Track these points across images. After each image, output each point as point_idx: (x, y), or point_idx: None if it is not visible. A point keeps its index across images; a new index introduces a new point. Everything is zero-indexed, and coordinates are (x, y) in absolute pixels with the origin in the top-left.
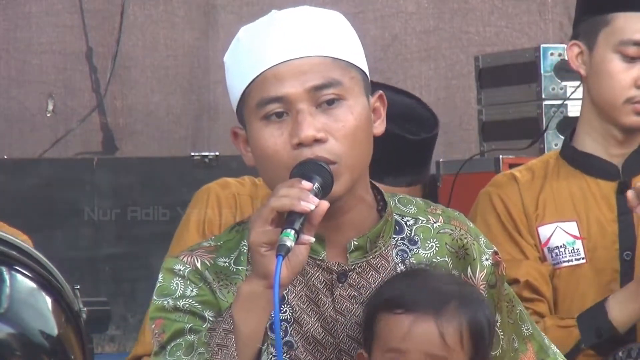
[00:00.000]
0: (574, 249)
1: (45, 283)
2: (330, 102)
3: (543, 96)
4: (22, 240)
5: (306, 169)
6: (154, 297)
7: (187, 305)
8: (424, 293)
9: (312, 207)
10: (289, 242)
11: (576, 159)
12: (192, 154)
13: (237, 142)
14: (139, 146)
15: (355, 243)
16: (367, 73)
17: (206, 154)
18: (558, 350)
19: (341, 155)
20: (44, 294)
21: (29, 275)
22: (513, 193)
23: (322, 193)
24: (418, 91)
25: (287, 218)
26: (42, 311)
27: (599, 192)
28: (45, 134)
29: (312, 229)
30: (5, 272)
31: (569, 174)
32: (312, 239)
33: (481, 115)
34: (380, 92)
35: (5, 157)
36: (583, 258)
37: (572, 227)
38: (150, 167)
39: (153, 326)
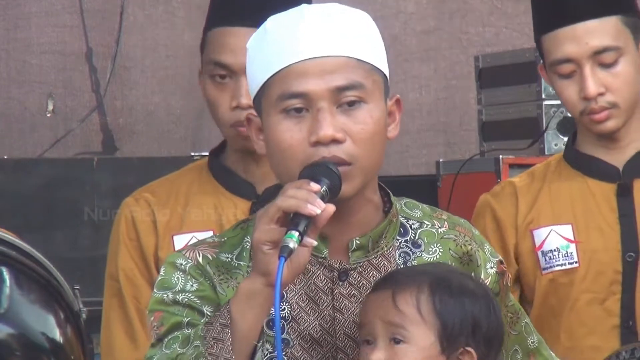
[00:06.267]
0: (567, 252)
1: (45, 283)
2: (351, 104)
3: (543, 96)
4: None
5: (315, 171)
6: (154, 290)
7: (186, 300)
8: (397, 273)
9: (319, 211)
10: (292, 244)
11: (578, 161)
12: (192, 154)
13: (250, 129)
14: (139, 146)
15: (357, 242)
16: (388, 76)
17: (206, 154)
18: None
19: (357, 157)
20: (44, 293)
21: (29, 275)
22: (509, 202)
23: (329, 196)
24: (418, 91)
25: (292, 219)
26: (42, 311)
27: (600, 194)
28: (45, 134)
29: (317, 231)
30: (5, 272)
31: (570, 176)
32: (315, 243)
33: (481, 115)
34: (397, 96)
35: (5, 157)
36: (576, 262)
37: (567, 230)
38: (150, 167)
39: (152, 319)
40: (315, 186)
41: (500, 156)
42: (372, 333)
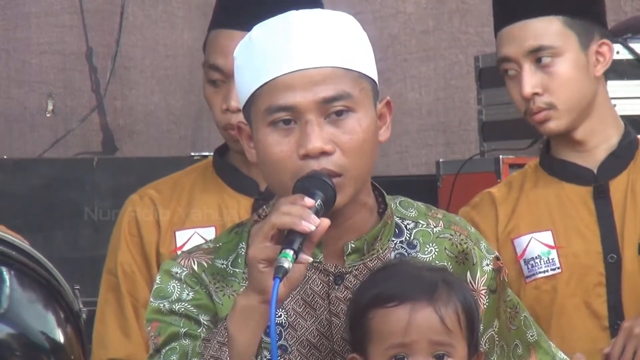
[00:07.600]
0: (549, 259)
1: (45, 283)
2: (339, 114)
3: None
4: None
5: (309, 184)
6: (151, 299)
7: (183, 309)
8: (411, 282)
9: (313, 227)
10: (287, 264)
11: (553, 166)
12: (192, 154)
13: (241, 137)
14: (139, 146)
15: (353, 245)
16: (377, 80)
17: (206, 154)
18: (565, 357)
19: (347, 168)
20: (44, 293)
21: (29, 275)
22: (488, 213)
23: (324, 210)
24: (417, 91)
25: (286, 237)
26: (42, 311)
27: (577, 198)
28: (45, 134)
29: (312, 247)
30: (5, 272)
31: (547, 183)
32: (310, 259)
33: (481, 115)
34: (387, 98)
35: (5, 157)
36: (559, 268)
37: (547, 236)
38: (150, 167)
39: (149, 328)
40: (309, 201)
41: (500, 156)
42: (413, 353)
